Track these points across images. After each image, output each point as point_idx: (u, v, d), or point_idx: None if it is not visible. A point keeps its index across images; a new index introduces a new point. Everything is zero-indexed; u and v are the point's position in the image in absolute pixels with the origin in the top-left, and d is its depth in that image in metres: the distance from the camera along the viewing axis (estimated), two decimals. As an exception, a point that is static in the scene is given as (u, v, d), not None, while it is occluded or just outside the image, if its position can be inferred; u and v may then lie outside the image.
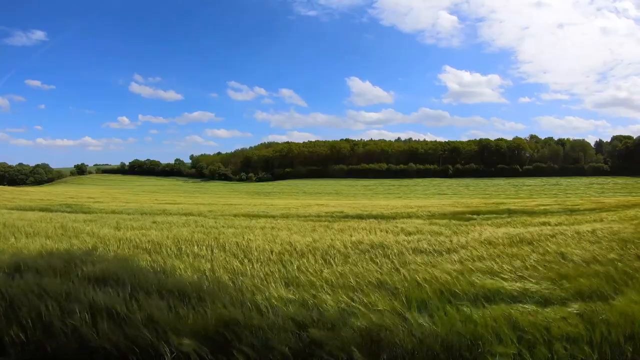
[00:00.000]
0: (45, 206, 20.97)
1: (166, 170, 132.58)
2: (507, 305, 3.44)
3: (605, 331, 2.84)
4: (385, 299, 3.64)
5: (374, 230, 9.18)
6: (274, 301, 3.63)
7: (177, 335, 2.86)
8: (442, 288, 3.97)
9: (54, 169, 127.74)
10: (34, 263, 5.04)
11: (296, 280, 4.45)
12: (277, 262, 5.41)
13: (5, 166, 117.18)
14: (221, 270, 4.96)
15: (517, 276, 4.42)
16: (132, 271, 4.70)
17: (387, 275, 4.54)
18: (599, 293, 3.73)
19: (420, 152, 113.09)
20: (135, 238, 7.63)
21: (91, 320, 3.14)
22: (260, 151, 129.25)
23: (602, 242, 6.41)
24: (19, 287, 3.87)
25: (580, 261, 5.03)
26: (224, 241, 7.14)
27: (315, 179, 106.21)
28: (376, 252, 6.05)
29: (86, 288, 3.92)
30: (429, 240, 7.04)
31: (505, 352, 2.66)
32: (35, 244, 6.99)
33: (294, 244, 6.70)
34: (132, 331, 2.96)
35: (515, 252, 5.79)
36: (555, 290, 3.85)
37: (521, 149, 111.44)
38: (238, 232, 8.79)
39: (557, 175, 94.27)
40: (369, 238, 7.39)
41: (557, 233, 7.58)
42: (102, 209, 19.11)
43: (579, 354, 2.64)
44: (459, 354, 2.73)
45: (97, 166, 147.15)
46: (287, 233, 8.66)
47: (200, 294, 3.80)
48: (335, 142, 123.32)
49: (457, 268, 4.84)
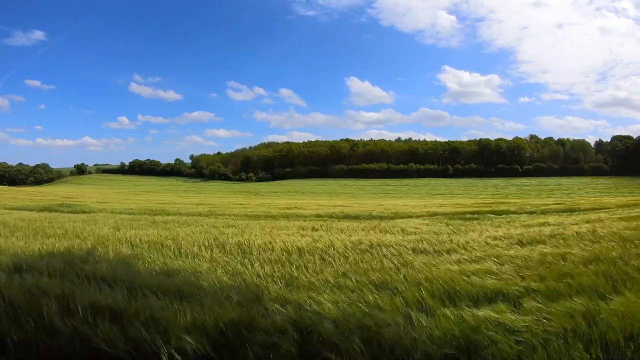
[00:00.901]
0: (45, 206, 20.96)
1: (166, 170, 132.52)
2: (508, 305, 3.44)
3: (605, 331, 2.85)
4: (386, 299, 3.64)
5: (374, 230, 9.18)
6: (274, 301, 3.63)
7: (177, 335, 2.86)
8: (442, 288, 3.97)
9: (54, 169, 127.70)
10: (34, 263, 5.04)
11: (296, 281, 4.45)
12: (277, 262, 5.41)
13: (5, 166, 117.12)
14: (221, 271, 4.96)
15: (518, 276, 4.41)
16: (131, 271, 4.71)
17: (387, 275, 4.54)
18: (600, 293, 3.73)
19: (420, 152, 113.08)
20: (135, 238, 7.64)
21: (91, 320, 3.15)
22: (260, 151, 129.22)
23: (602, 242, 6.40)
24: (19, 287, 3.87)
25: (581, 261, 5.02)
26: (224, 241, 7.14)
27: (315, 179, 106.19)
28: (376, 252, 6.05)
29: (86, 288, 3.92)
30: (429, 240, 7.04)
31: (505, 352, 2.67)
32: (35, 244, 6.99)
33: (294, 244, 6.70)
34: (132, 331, 2.96)
35: (515, 252, 5.79)
36: (556, 290, 3.85)
37: (521, 149, 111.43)
38: (238, 232, 8.79)
39: (557, 175, 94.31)
40: (369, 238, 7.39)
41: (557, 233, 7.57)
42: (102, 209, 19.11)
43: (579, 354, 2.64)
44: (459, 353, 2.73)
45: (97, 166, 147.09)
46: (287, 233, 8.65)
47: (200, 294, 3.80)
48: (335, 142, 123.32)
49: (457, 268, 4.84)
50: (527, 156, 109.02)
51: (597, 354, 2.67)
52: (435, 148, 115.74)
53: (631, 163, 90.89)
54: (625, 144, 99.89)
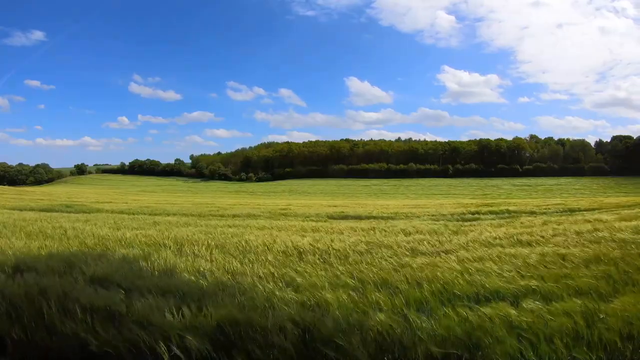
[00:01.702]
0: (46, 206, 20.96)
1: (166, 170, 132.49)
2: (508, 305, 3.44)
3: (604, 331, 2.84)
4: (386, 299, 3.63)
5: (374, 230, 9.18)
6: (274, 301, 3.62)
7: (177, 335, 2.86)
8: (442, 288, 3.96)
9: (54, 169, 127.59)
10: (34, 263, 5.04)
11: (296, 281, 4.45)
12: (276, 263, 5.41)
13: (5, 166, 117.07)
14: (221, 271, 4.96)
15: (518, 276, 4.41)
16: (131, 271, 4.70)
17: (387, 275, 4.53)
18: (600, 293, 3.72)
19: (420, 152, 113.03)
20: (135, 238, 7.64)
21: (91, 320, 3.14)
22: (260, 151, 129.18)
23: (602, 242, 6.40)
24: (19, 287, 3.87)
25: (581, 261, 5.02)
26: (224, 241, 7.14)
27: (315, 179, 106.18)
28: (376, 252, 6.05)
29: (86, 288, 3.91)
30: (429, 240, 7.04)
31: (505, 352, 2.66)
32: (35, 244, 6.98)
33: (294, 244, 6.69)
34: (132, 332, 2.95)
35: (515, 253, 5.78)
36: (556, 290, 3.84)
37: (521, 149, 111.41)
38: (238, 232, 8.79)
39: (557, 175, 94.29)
40: (369, 238, 7.39)
41: (557, 233, 7.57)
42: (102, 209, 19.11)
43: (579, 354, 2.64)
44: (460, 353, 2.73)
45: (97, 166, 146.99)
46: (286, 233, 8.66)
47: (200, 294, 3.79)
48: (335, 142, 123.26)
49: (457, 268, 4.84)
50: (527, 156, 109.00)
51: (598, 354, 2.67)
52: (436, 148, 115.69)
53: (631, 163, 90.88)
54: (625, 144, 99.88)
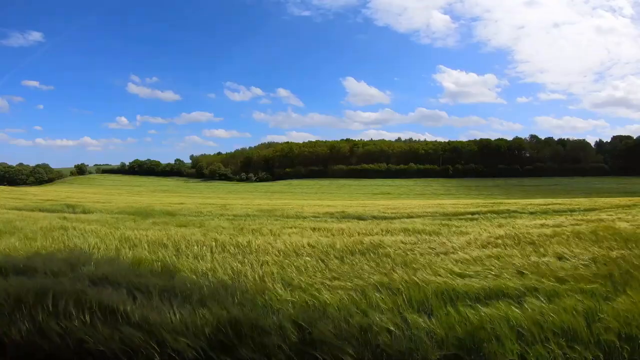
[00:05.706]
0: (46, 206, 20.96)
1: (166, 171, 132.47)
2: (508, 305, 3.44)
3: (604, 331, 2.84)
4: (386, 299, 3.63)
5: (374, 230, 9.18)
6: (274, 302, 3.62)
7: (177, 336, 2.86)
8: (442, 289, 3.96)
9: (54, 169, 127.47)
10: (34, 263, 5.03)
11: (296, 281, 4.44)
12: (276, 263, 5.41)
13: (5, 166, 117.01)
14: (221, 271, 4.96)
15: (519, 276, 4.41)
16: (131, 271, 4.70)
17: (387, 276, 4.53)
18: (600, 292, 3.72)
19: (420, 152, 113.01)
20: (135, 238, 7.63)
21: (89, 321, 3.14)
22: (260, 151, 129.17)
23: (602, 242, 6.40)
24: (18, 287, 3.86)
25: (581, 261, 5.02)
26: (224, 241, 7.13)
27: (315, 179, 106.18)
28: (376, 252, 6.04)
29: (85, 288, 3.91)
30: (429, 241, 7.04)
31: (505, 352, 2.66)
32: (35, 244, 6.98)
33: (294, 244, 6.69)
34: (131, 332, 2.95)
35: (515, 253, 5.78)
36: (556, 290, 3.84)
37: (521, 149, 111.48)
38: (238, 233, 8.79)
39: (557, 175, 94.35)
40: (369, 238, 7.38)
41: (557, 233, 7.57)
42: (102, 209, 19.11)
43: (578, 354, 2.64)
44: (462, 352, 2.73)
45: (97, 166, 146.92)
46: (287, 233, 8.65)
47: (200, 295, 3.79)
48: (335, 142, 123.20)
49: (457, 268, 4.84)
50: (527, 156, 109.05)
51: (597, 353, 2.67)
52: (436, 148, 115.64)
53: (631, 163, 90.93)
54: (625, 144, 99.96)
